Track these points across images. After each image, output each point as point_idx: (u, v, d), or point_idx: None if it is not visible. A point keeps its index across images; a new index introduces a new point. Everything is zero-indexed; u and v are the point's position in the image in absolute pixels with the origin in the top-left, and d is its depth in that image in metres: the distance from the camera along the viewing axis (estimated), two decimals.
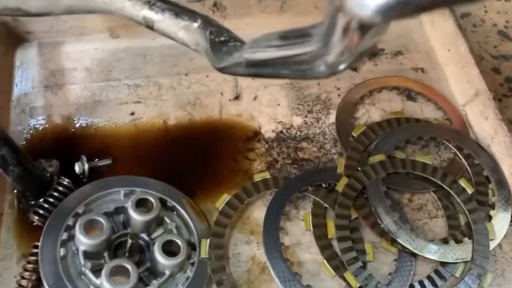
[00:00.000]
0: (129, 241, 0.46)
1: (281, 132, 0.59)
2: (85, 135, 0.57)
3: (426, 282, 0.49)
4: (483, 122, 0.59)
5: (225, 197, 0.53)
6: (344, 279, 0.49)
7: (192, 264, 0.48)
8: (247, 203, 0.53)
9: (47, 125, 0.58)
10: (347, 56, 0.29)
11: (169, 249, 0.46)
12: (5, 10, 0.48)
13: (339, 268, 0.50)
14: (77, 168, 0.53)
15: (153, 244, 0.47)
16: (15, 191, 0.53)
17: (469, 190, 0.54)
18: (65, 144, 0.57)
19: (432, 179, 0.54)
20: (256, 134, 0.59)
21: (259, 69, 0.35)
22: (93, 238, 0.44)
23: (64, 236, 0.47)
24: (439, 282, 0.49)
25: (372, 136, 0.57)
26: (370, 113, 0.61)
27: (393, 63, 0.66)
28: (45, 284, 0.44)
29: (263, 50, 0.33)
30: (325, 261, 0.50)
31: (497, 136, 0.57)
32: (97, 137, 0.57)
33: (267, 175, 0.54)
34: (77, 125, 0.58)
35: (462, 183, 0.54)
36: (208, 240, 0.49)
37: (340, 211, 0.51)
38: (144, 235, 0.48)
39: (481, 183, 0.55)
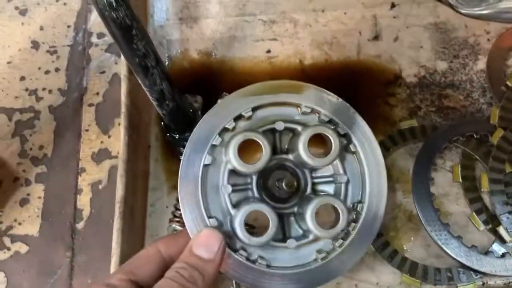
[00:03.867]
0: None
1: (424, 77, 0.56)
2: (222, 71, 0.57)
3: None
4: None
5: None
6: (495, 233, 0.48)
7: None
8: (391, 150, 0.52)
9: (184, 59, 0.57)
10: None
11: None
12: None
13: (487, 222, 0.49)
14: None
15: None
16: (162, 123, 0.53)
17: None
18: (202, 79, 0.56)
19: None
20: (396, 78, 0.56)
21: None
22: None
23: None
24: None
25: None
26: None
27: None
28: None
29: None
30: (474, 213, 0.49)
31: None
32: (234, 73, 0.57)
33: (414, 123, 0.52)
34: (214, 61, 0.57)
35: None
36: None
37: (495, 164, 0.49)
38: None
39: None
